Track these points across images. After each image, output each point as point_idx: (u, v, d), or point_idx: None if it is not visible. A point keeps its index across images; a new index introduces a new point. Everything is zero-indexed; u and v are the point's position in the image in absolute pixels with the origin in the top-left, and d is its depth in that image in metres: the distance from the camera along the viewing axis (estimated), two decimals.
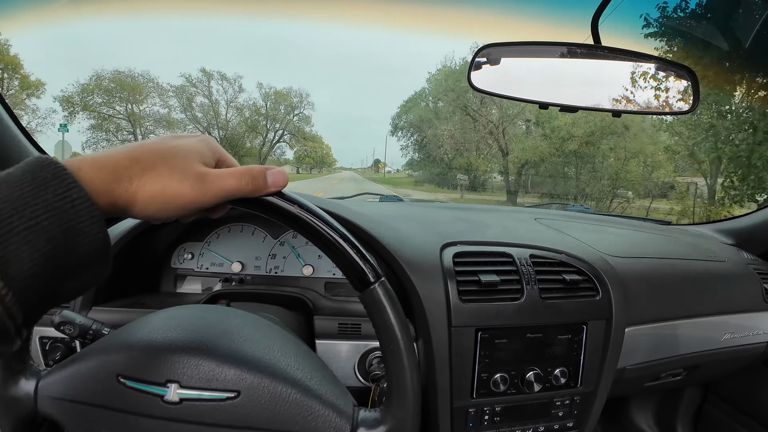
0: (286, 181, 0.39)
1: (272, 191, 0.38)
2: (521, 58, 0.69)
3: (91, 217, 0.29)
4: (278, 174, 0.38)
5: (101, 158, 0.32)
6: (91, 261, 0.31)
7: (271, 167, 0.38)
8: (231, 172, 0.37)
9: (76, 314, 0.58)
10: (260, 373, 0.42)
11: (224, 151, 0.40)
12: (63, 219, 0.28)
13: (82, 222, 0.29)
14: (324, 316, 0.75)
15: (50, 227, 0.28)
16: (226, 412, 0.41)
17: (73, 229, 0.29)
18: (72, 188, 0.29)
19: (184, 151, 0.35)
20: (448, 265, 0.74)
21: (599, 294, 0.79)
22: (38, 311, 0.30)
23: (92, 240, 0.30)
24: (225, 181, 0.36)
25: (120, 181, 0.32)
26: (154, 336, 0.44)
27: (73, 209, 0.29)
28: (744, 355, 1.06)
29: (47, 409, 0.43)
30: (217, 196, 0.36)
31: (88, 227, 0.29)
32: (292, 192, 0.40)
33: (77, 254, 0.29)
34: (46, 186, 0.28)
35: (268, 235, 0.93)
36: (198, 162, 0.36)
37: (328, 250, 0.40)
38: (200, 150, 0.37)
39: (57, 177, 0.29)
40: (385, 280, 0.41)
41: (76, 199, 0.29)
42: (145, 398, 0.41)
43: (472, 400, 0.73)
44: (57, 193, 0.28)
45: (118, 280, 0.80)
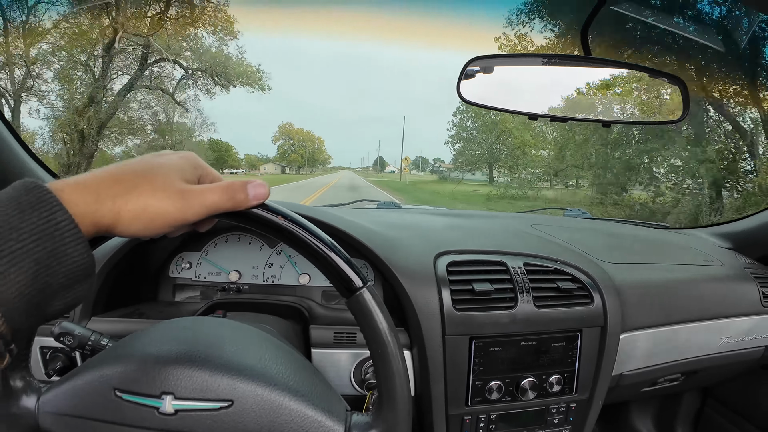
0: (268, 193, 0.40)
1: (254, 204, 0.39)
2: (510, 70, 0.70)
3: (76, 239, 0.31)
4: (259, 186, 0.39)
5: (83, 180, 0.33)
6: (76, 281, 0.32)
7: (251, 180, 0.39)
8: (211, 187, 0.37)
9: (75, 325, 0.58)
10: (252, 381, 0.42)
11: (207, 166, 0.41)
12: (49, 242, 0.29)
13: (66, 244, 0.30)
14: (320, 325, 0.75)
15: (36, 250, 0.29)
16: (221, 421, 0.41)
17: (58, 251, 0.30)
18: (56, 211, 0.30)
19: (165, 169, 0.36)
20: (442, 274, 0.75)
21: (593, 302, 0.79)
22: (26, 330, 0.31)
23: (77, 260, 0.31)
24: (206, 197, 0.37)
25: (103, 202, 0.32)
26: (149, 349, 0.45)
27: (58, 232, 0.30)
28: (742, 360, 1.06)
29: (48, 425, 0.44)
30: (199, 212, 0.36)
31: (72, 248, 0.31)
32: (275, 202, 0.41)
33: (63, 275, 0.31)
34: (31, 210, 0.29)
35: (265, 245, 0.94)
36: (179, 179, 0.36)
37: (313, 258, 0.41)
38: (181, 167, 0.37)
39: (42, 201, 0.30)
40: (371, 286, 0.42)
41: (60, 222, 0.30)
42: (141, 410, 0.42)
43: (467, 408, 0.74)
44: (42, 217, 0.29)
45: (117, 290, 0.81)
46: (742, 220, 1.31)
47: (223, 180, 0.40)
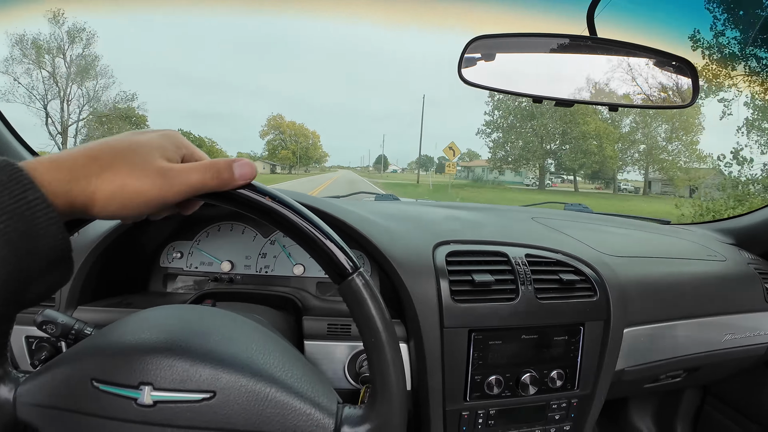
0: (255, 172, 0.38)
1: (240, 184, 0.37)
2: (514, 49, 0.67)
3: (49, 219, 0.29)
4: (245, 165, 0.37)
5: (58, 158, 0.31)
6: (52, 264, 0.30)
7: (238, 159, 0.37)
8: (195, 166, 0.35)
9: (58, 314, 0.57)
10: (237, 372, 0.40)
11: (191, 145, 0.39)
12: (20, 222, 0.28)
13: (39, 224, 0.29)
14: (313, 316, 0.73)
15: (7, 230, 0.27)
16: (202, 413, 0.39)
17: (30, 232, 0.28)
18: (28, 189, 0.28)
19: (144, 147, 0.34)
20: (441, 265, 0.73)
21: (597, 294, 0.77)
22: (3, 316, 0.30)
23: (51, 242, 0.29)
24: (189, 176, 0.35)
25: (78, 181, 0.31)
26: (127, 338, 0.43)
27: (30, 211, 0.28)
28: (745, 356, 1.05)
29: (26, 416, 0.42)
30: (181, 192, 0.34)
31: (45, 229, 0.29)
32: (262, 184, 0.39)
33: (37, 257, 0.29)
34: (2, 188, 0.28)
35: (259, 234, 0.91)
36: (160, 157, 0.34)
37: (303, 242, 0.39)
38: (162, 145, 0.36)
39: (13, 179, 0.28)
40: (363, 271, 0.40)
41: (32, 201, 0.28)
42: (119, 401, 0.40)
43: (465, 403, 0.72)
44: (13, 196, 0.28)
45: (106, 278, 0.78)
46: (744, 216, 1.30)
47: (208, 159, 0.38)
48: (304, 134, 52.37)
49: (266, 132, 54.19)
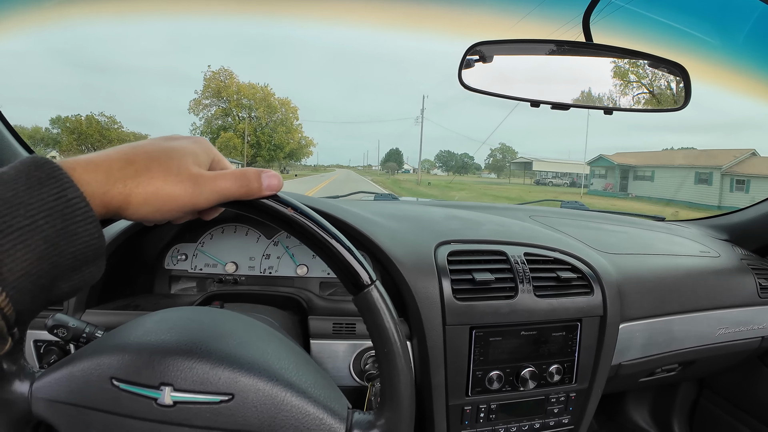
0: (281, 184, 0.39)
1: (266, 194, 0.38)
2: (512, 56, 0.69)
3: (87, 218, 0.29)
4: (273, 177, 0.38)
5: (95, 159, 0.32)
6: (86, 262, 0.30)
7: (267, 170, 0.38)
8: (225, 174, 0.36)
9: (69, 317, 0.57)
10: (254, 375, 0.41)
11: (218, 153, 0.40)
12: (59, 219, 0.28)
13: (77, 223, 0.29)
14: (318, 316, 0.74)
15: (46, 227, 0.27)
16: (220, 414, 0.40)
17: (68, 230, 0.28)
18: (68, 188, 0.28)
19: (178, 153, 0.35)
20: (442, 264, 0.74)
21: (593, 291, 0.79)
22: (31, 311, 0.29)
23: (87, 241, 0.30)
24: (219, 183, 0.35)
25: (114, 183, 0.31)
26: (148, 338, 0.44)
27: (69, 209, 0.28)
28: (738, 350, 1.07)
29: (41, 411, 0.42)
30: (211, 198, 0.35)
31: (83, 228, 0.29)
32: (285, 194, 0.40)
33: (72, 255, 0.29)
34: (41, 185, 0.28)
35: (262, 236, 0.92)
36: (192, 164, 0.35)
37: (322, 253, 0.40)
38: (194, 151, 0.36)
39: (53, 177, 0.28)
40: (379, 283, 0.41)
41: (72, 199, 0.29)
42: (138, 401, 0.40)
43: (467, 398, 0.73)
44: (53, 193, 0.28)
45: (112, 282, 0.79)
46: (737, 213, 1.32)
47: (234, 168, 0.39)
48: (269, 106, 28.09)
49: (198, 102, 29.35)
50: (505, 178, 72.95)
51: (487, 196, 21.66)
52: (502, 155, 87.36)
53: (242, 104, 25.42)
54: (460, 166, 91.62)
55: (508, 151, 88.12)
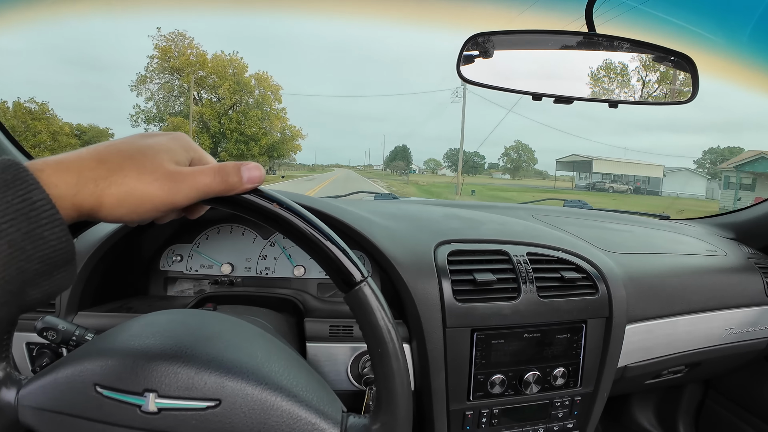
0: (263, 176, 0.37)
1: (248, 188, 0.36)
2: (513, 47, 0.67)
3: (53, 221, 0.28)
4: (253, 169, 0.36)
5: (65, 159, 0.31)
6: (56, 267, 0.30)
7: (246, 162, 0.36)
8: (203, 169, 0.35)
9: (59, 320, 0.56)
10: (242, 380, 0.40)
11: (199, 148, 0.38)
12: (24, 222, 0.27)
13: (42, 226, 0.28)
14: (315, 318, 0.73)
15: (10, 231, 0.27)
16: (207, 421, 0.39)
17: (34, 233, 0.28)
18: (33, 190, 0.28)
19: (153, 150, 0.33)
20: (442, 264, 0.72)
21: (598, 292, 0.77)
22: (2, 319, 0.29)
23: (54, 245, 0.29)
24: (197, 180, 0.34)
25: (84, 184, 0.30)
26: (132, 343, 0.43)
27: (34, 212, 0.28)
28: (745, 351, 1.05)
29: (28, 419, 0.41)
30: (189, 195, 0.34)
31: (49, 231, 0.28)
32: (270, 189, 0.38)
33: (39, 259, 0.28)
34: (6, 188, 0.27)
35: (258, 236, 0.91)
36: (169, 161, 0.34)
37: (310, 249, 0.38)
38: (171, 148, 0.35)
39: (18, 179, 0.28)
40: (370, 280, 0.39)
41: (37, 202, 0.28)
42: (122, 408, 0.39)
43: (468, 403, 0.72)
44: (17, 195, 0.27)
45: (105, 283, 0.78)
46: (744, 211, 1.30)
47: (216, 163, 0.37)
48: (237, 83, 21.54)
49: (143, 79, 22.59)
50: (519, 179, 69.41)
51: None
52: (518, 154, 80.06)
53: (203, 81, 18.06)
54: (470, 167, 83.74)
55: (524, 149, 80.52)
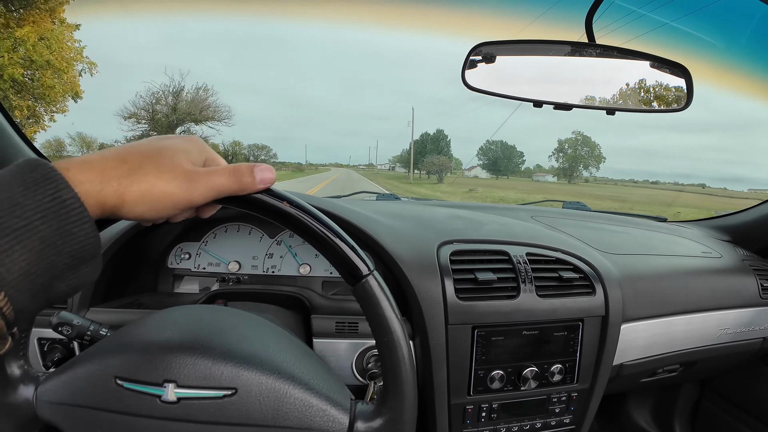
0: (274, 177, 0.39)
1: (260, 188, 0.38)
2: (515, 57, 0.69)
3: (82, 218, 0.30)
4: (266, 170, 0.38)
5: (89, 159, 0.32)
6: (83, 261, 0.31)
7: (259, 164, 0.38)
8: (218, 170, 0.37)
9: (73, 315, 0.58)
10: (256, 370, 0.42)
11: (212, 150, 0.40)
12: (54, 220, 0.29)
13: (72, 223, 0.30)
14: (321, 315, 0.75)
15: (42, 227, 0.28)
16: (224, 409, 0.41)
17: (64, 230, 0.29)
18: (62, 189, 0.29)
19: (171, 151, 0.35)
20: (445, 263, 0.75)
21: (595, 291, 0.80)
22: (30, 311, 0.30)
23: (83, 240, 0.30)
24: (212, 179, 0.36)
25: (108, 182, 0.32)
26: (150, 336, 0.44)
27: (64, 210, 0.29)
28: (740, 351, 1.07)
29: (47, 415, 0.43)
30: (205, 194, 0.36)
31: (78, 228, 0.30)
32: (280, 189, 0.41)
33: (69, 254, 0.30)
34: (36, 187, 0.29)
35: (265, 235, 0.93)
36: (185, 161, 0.36)
37: (319, 245, 0.40)
38: (187, 149, 0.37)
39: (47, 178, 0.29)
40: (376, 273, 0.41)
41: (67, 200, 0.29)
42: (143, 399, 0.41)
43: (469, 397, 0.74)
44: (48, 194, 0.29)
45: (116, 280, 0.80)
46: (740, 213, 1.32)
47: (228, 164, 0.39)
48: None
49: None
50: (576, 184, 54.72)
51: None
52: (574, 149, 61.31)
53: None
54: (498, 167, 66.55)
55: (586, 142, 61.00)
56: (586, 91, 0.70)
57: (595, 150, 61.38)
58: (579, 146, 61.10)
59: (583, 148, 61.06)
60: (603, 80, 0.70)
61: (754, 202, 1.24)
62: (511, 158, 68.35)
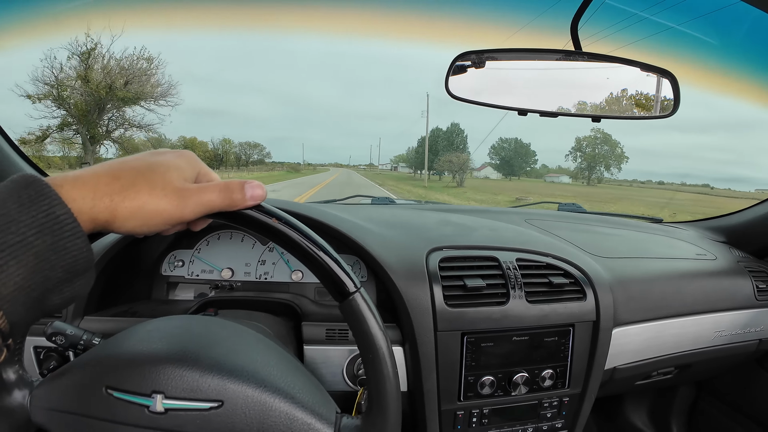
0: (265, 194, 0.40)
1: (250, 204, 0.39)
2: (499, 65, 0.69)
3: (75, 233, 0.31)
4: (256, 187, 0.39)
5: (83, 175, 0.33)
6: (76, 274, 0.32)
7: (250, 181, 0.39)
8: (209, 186, 0.37)
9: (67, 325, 0.58)
10: (243, 382, 0.42)
11: (204, 165, 0.41)
12: (48, 235, 0.30)
13: (66, 238, 0.30)
14: (312, 322, 0.75)
15: (36, 243, 0.29)
16: (210, 421, 0.41)
17: (57, 245, 0.30)
18: (56, 205, 0.30)
19: (163, 168, 0.36)
20: (434, 270, 0.75)
21: (586, 296, 0.80)
22: (25, 323, 0.31)
23: (76, 255, 0.31)
24: (203, 196, 0.36)
25: (100, 198, 0.33)
26: (140, 347, 0.45)
27: (58, 226, 0.30)
28: (735, 353, 1.07)
29: (40, 419, 0.44)
30: (196, 211, 0.36)
31: (71, 242, 0.31)
32: (270, 205, 0.41)
33: (62, 268, 0.31)
34: (31, 203, 0.29)
35: (257, 242, 0.93)
36: (177, 177, 0.36)
37: (307, 261, 0.41)
38: (179, 165, 0.37)
39: (42, 194, 0.30)
40: (363, 290, 0.42)
41: (60, 216, 0.30)
42: (132, 408, 0.42)
43: (459, 403, 0.74)
44: (42, 210, 0.29)
45: (110, 288, 0.81)
46: (735, 214, 1.32)
47: (220, 180, 0.40)
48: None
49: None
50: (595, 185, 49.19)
51: None
52: (593, 148, 56.53)
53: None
54: (520, 166, 61.85)
55: (607, 140, 56.32)
56: (572, 98, 0.70)
57: (616, 148, 56.21)
58: (598, 145, 55.85)
59: (603, 146, 56.15)
60: (589, 87, 0.70)
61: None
62: (526, 157, 63.22)
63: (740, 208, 1.31)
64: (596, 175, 55.93)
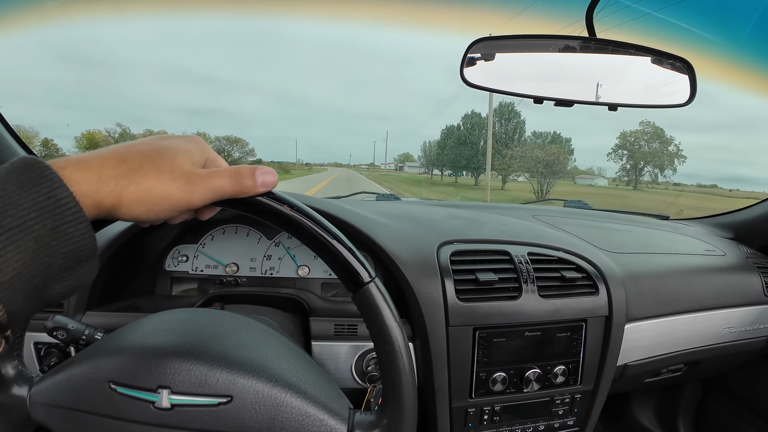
0: (276, 180, 0.38)
1: (261, 191, 0.37)
2: (515, 53, 0.68)
3: (77, 218, 0.29)
4: (267, 173, 0.37)
5: (87, 158, 0.32)
6: (78, 262, 0.30)
7: (260, 167, 0.37)
8: (219, 171, 0.36)
9: (68, 319, 0.57)
10: (253, 377, 0.41)
11: (212, 151, 0.39)
12: (49, 219, 0.28)
13: (68, 222, 0.29)
14: (320, 317, 0.74)
15: (36, 227, 0.27)
16: (219, 417, 0.40)
17: (59, 230, 0.28)
18: (58, 188, 0.28)
19: (171, 152, 0.34)
20: (445, 264, 0.74)
21: (598, 291, 0.79)
22: (24, 313, 0.29)
23: (78, 240, 0.30)
24: (213, 181, 0.35)
25: (105, 182, 0.31)
26: (145, 341, 0.44)
27: (59, 209, 0.28)
28: (744, 350, 1.06)
29: (40, 416, 0.42)
30: (205, 196, 0.35)
31: (73, 228, 0.29)
32: (281, 192, 0.39)
33: (64, 255, 0.29)
34: (31, 185, 0.28)
35: (263, 236, 0.92)
36: (186, 162, 0.35)
37: (320, 250, 0.39)
38: (188, 150, 0.36)
39: (43, 176, 0.28)
40: (378, 280, 0.40)
41: (62, 199, 0.28)
42: (136, 404, 0.40)
43: (470, 400, 0.73)
44: (42, 193, 0.28)
45: (113, 283, 0.79)
46: (743, 211, 1.31)
47: (229, 166, 0.38)
48: None
49: None
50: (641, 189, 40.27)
51: None
52: (640, 145, 43.48)
53: None
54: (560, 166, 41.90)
55: (658, 135, 42.42)
56: (587, 86, 0.69)
57: (670, 145, 43.42)
58: (647, 141, 43.66)
59: (652, 143, 44.00)
60: (605, 75, 0.69)
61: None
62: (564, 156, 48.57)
63: None
64: (652, 175, 44.50)
